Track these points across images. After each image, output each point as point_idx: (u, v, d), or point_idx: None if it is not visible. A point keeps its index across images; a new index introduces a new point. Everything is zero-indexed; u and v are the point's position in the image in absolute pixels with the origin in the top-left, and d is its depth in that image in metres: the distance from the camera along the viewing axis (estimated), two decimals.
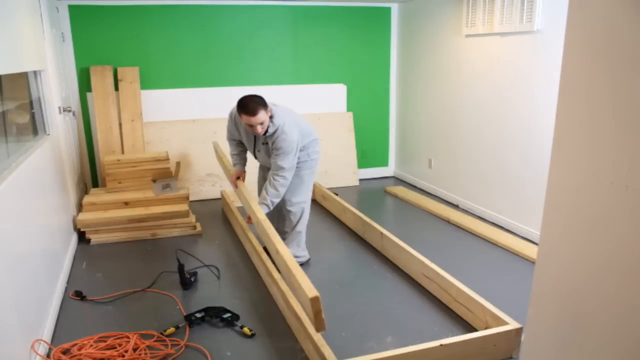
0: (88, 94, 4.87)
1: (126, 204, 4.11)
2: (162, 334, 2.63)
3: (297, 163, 3.25)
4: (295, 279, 2.26)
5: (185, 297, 3.09)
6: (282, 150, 3.08)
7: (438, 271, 2.95)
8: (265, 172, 3.53)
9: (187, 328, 2.68)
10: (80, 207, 4.23)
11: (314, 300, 2.08)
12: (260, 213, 2.99)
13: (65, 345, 2.52)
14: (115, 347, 2.50)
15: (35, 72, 3.44)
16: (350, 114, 5.64)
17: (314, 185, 5.08)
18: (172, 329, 2.66)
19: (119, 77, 4.84)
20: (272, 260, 3.00)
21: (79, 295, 3.06)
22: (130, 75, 4.87)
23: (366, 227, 3.91)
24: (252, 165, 3.90)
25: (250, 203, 3.10)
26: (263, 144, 3.21)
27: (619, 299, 1.11)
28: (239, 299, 3.06)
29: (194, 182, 5.07)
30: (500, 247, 3.79)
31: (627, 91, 1.04)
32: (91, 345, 2.51)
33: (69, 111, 4.30)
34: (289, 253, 2.50)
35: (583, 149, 1.17)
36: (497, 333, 2.39)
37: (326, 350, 2.22)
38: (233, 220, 4.28)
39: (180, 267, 3.16)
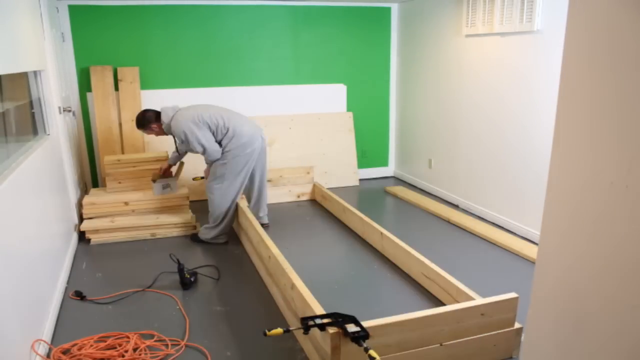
0: (88, 94, 4.87)
1: (126, 204, 4.11)
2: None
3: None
4: (314, 313, 2.30)
5: (185, 297, 3.09)
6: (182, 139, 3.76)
7: (438, 271, 2.95)
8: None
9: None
10: (80, 207, 4.23)
11: (334, 336, 2.10)
12: (275, 248, 3.07)
13: (65, 345, 2.52)
14: (115, 347, 2.50)
15: (35, 72, 3.44)
16: (350, 114, 5.64)
17: (313, 185, 5.08)
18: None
19: (119, 77, 4.84)
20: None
21: (79, 295, 3.06)
22: (130, 75, 4.87)
23: (366, 227, 3.91)
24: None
25: None
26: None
27: (619, 299, 1.11)
28: (239, 299, 3.06)
29: (194, 181, 5.06)
30: (500, 247, 3.79)
31: (627, 91, 1.05)
32: (91, 345, 2.51)
33: (69, 111, 4.30)
34: (305, 287, 2.53)
35: (583, 148, 1.17)
36: (497, 333, 2.39)
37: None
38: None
39: (180, 267, 3.16)
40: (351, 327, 2.10)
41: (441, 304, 2.93)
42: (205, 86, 5.17)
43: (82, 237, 4.04)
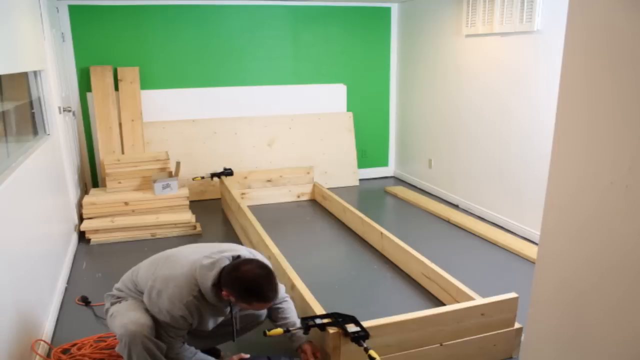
0: (88, 94, 4.87)
1: (126, 204, 4.11)
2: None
3: None
4: (314, 313, 2.30)
5: None
6: None
7: (438, 271, 2.95)
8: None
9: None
10: (80, 207, 4.23)
11: (334, 336, 2.09)
12: (275, 248, 2.90)
13: (65, 345, 2.52)
14: (115, 347, 2.50)
15: (35, 72, 3.44)
16: (350, 114, 5.64)
17: (313, 185, 5.08)
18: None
19: (119, 77, 4.84)
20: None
21: (84, 301, 3.02)
22: (130, 75, 4.87)
23: (366, 227, 3.91)
24: None
25: None
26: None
27: (619, 298, 1.11)
28: None
29: (194, 181, 5.06)
30: (500, 247, 3.79)
31: (627, 91, 1.04)
32: (91, 345, 2.51)
33: (69, 111, 4.30)
34: (305, 287, 2.50)
35: (583, 148, 1.17)
36: (497, 333, 2.39)
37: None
38: (233, 220, 4.28)
39: None
40: (351, 327, 2.10)
41: (441, 304, 2.93)
42: (205, 86, 5.17)
43: (82, 237, 4.04)
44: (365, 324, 2.15)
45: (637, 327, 1.08)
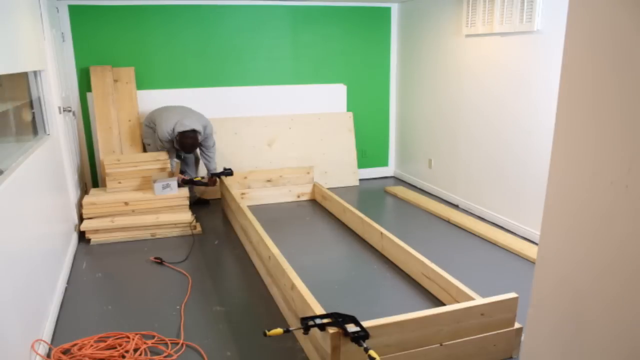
0: (88, 94, 4.87)
1: (126, 204, 4.11)
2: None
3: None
4: (314, 313, 2.30)
5: (184, 296, 3.09)
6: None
7: (438, 271, 2.95)
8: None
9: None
10: (80, 207, 4.23)
11: (334, 336, 2.09)
12: (275, 248, 3.07)
13: (65, 345, 2.52)
14: (115, 347, 2.50)
15: (35, 72, 3.44)
16: (350, 114, 5.64)
17: (313, 185, 5.09)
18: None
19: (114, 77, 4.83)
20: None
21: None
22: (125, 75, 4.87)
23: (366, 227, 3.92)
24: None
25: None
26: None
27: (619, 299, 1.11)
28: (239, 299, 3.06)
29: None
30: (500, 247, 3.79)
31: (627, 90, 1.05)
32: (91, 345, 2.51)
33: (69, 111, 4.30)
34: (305, 287, 2.54)
35: (583, 148, 1.17)
36: (497, 333, 2.39)
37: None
38: (233, 220, 4.28)
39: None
40: (351, 327, 2.10)
41: (441, 304, 2.93)
42: (206, 86, 5.18)
43: (82, 237, 4.04)
44: (365, 324, 2.15)
45: (637, 327, 1.08)
